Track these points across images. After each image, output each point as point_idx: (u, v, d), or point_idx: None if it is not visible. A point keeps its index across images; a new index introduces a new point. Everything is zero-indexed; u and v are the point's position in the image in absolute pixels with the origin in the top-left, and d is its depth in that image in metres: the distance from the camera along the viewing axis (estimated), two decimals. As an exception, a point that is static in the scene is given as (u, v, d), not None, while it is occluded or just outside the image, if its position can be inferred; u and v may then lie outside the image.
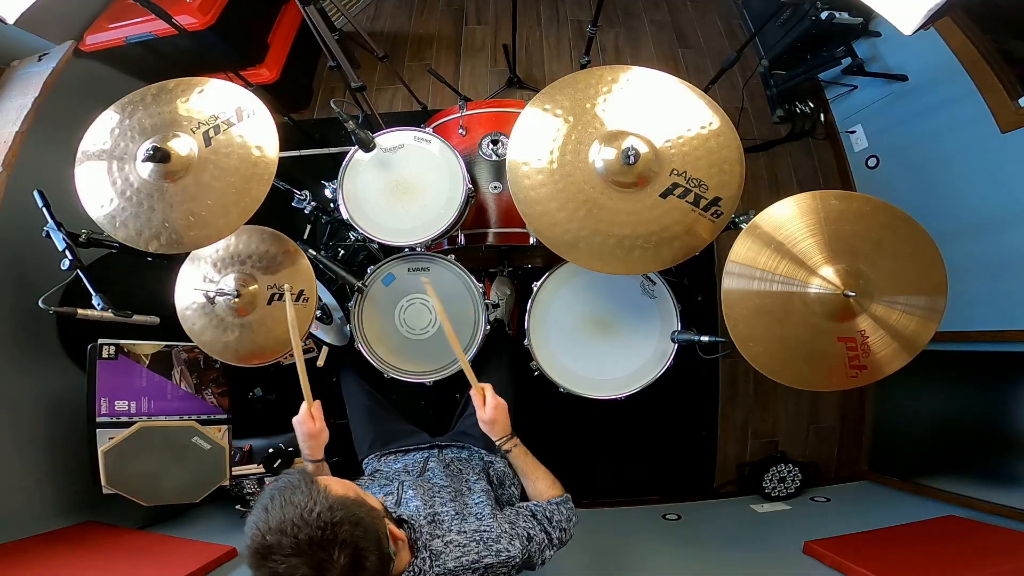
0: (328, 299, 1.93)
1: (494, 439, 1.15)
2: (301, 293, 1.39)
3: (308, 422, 1.12)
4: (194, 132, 1.24)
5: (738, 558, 1.72)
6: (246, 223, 1.24)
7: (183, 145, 1.23)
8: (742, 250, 1.14)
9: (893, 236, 1.13)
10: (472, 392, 1.18)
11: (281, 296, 1.39)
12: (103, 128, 1.27)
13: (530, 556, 0.98)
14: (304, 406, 1.13)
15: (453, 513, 1.00)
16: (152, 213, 1.22)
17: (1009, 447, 1.80)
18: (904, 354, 1.13)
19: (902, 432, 2.24)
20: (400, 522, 0.94)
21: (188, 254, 1.48)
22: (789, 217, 1.15)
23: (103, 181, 1.24)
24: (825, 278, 1.11)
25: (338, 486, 0.79)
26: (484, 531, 0.95)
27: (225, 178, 1.22)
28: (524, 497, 1.20)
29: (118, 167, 1.24)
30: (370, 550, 0.75)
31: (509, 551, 0.93)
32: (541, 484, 1.13)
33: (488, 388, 1.16)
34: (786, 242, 1.13)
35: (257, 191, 1.22)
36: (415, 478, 1.19)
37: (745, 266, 1.14)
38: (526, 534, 0.99)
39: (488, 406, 1.14)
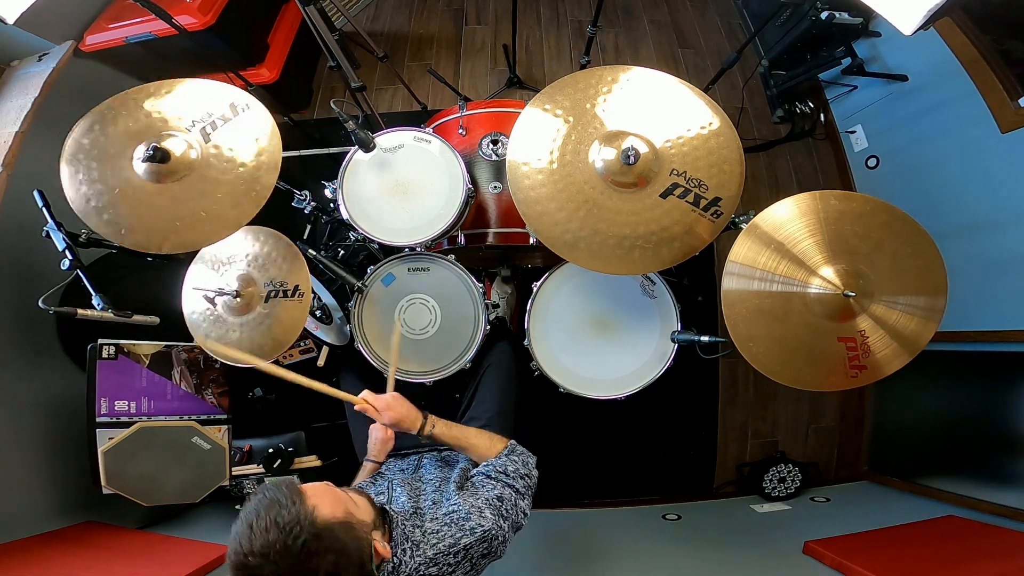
0: (328, 299, 1.93)
1: (412, 433, 1.15)
2: (296, 288, 1.39)
3: (383, 431, 1.25)
4: (189, 131, 1.24)
5: (738, 558, 1.72)
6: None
7: (180, 144, 1.22)
8: (742, 250, 1.14)
9: (893, 236, 1.13)
10: (357, 409, 1.18)
11: (278, 294, 1.39)
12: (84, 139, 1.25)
13: (507, 517, 0.97)
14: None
15: (431, 503, 1.01)
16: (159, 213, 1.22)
17: (1009, 447, 1.80)
18: (904, 354, 1.13)
19: (902, 432, 2.24)
20: (383, 513, 0.95)
21: (190, 256, 1.48)
22: (789, 217, 1.15)
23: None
24: (825, 278, 1.11)
25: (327, 505, 0.78)
26: (453, 512, 0.95)
27: (232, 172, 1.22)
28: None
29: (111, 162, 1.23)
30: (346, 573, 0.76)
31: (483, 524, 0.92)
32: (481, 446, 1.14)
33: (366, 394, 1.17)
34: (786, 242, 1.13)
35: (267, 179, 1.22)
36: (408, 476, 1.20)
37: (745, 266, 1.14)
38: (493, 498, 0.98)
39: (382, 411, 1.15)
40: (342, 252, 2.09)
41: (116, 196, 1.21)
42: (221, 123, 1.24)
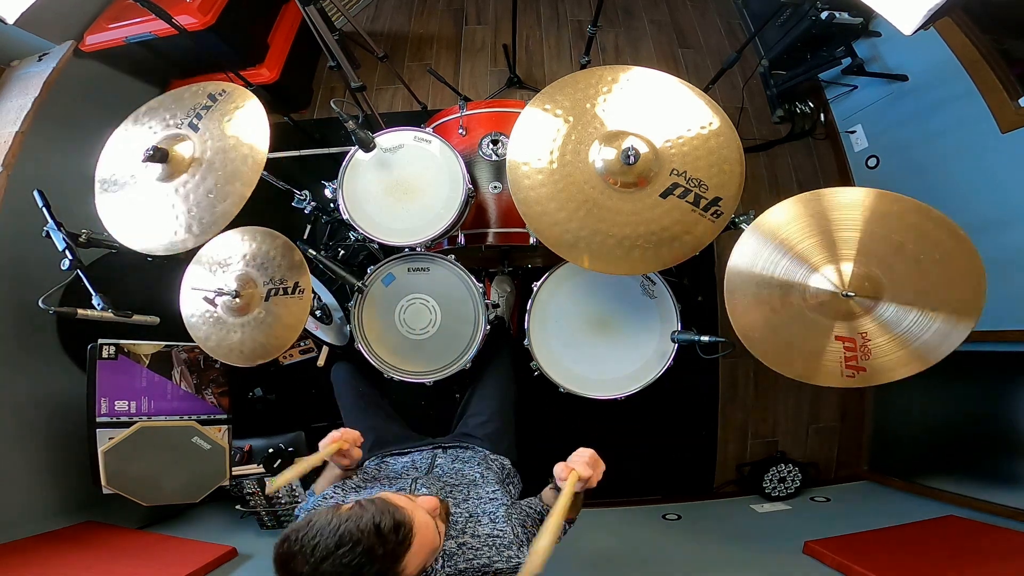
0: (328, 299, 1.93)
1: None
2: (297, 285, 1.39)
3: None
4: (180, 127, 1.27)
5: (738, 558, 1.72)
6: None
7: (181, 144, 1.24)
8: (780, 215, 1.12)
9: (927, 246, 1.08)
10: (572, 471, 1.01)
11: (279, 292, 1.39)
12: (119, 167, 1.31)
13: None
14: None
15: (467, 515, 0.99)
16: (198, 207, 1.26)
17: (1009, 447, 1.80)
18: (913, 363, 1.09)
19: (902, 432, 2.24)
20: None
21: (189, 256, 1.49)
22: (850, 205, 1.11)
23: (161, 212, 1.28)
24: (840, 272, 1.10)
25: (417, 563, 0.75)
26: (497, 536, 0.94)
27: (228, 151, 1.25)
28: (524, 494, 1.20)
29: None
30: None
31: (519, 558, 0.92)
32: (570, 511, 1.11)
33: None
34: (832, 224, 1.10)
35: (259, 143, 1.25)
36: (424, 475, 1.18)
37: (769, 231, 1.12)
38: (532, 540, 0.98)
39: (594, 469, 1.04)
40: (342, 252, 2.09)
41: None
42: (204, 112, 1.27)
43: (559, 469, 0.97)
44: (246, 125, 1.26)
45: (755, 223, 1.15)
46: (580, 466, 0.97)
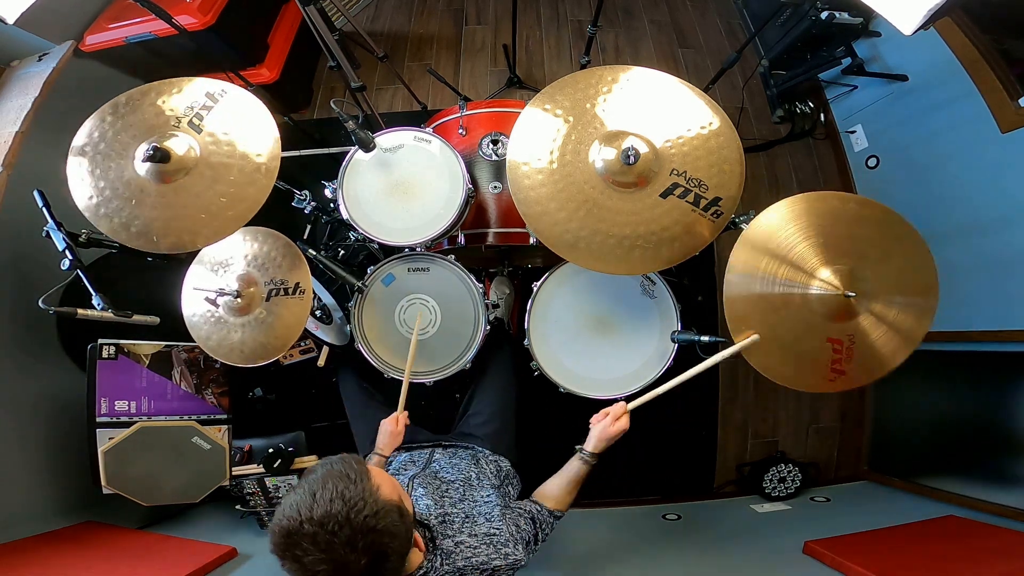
0: (328, 299, 1.93)
1: (593, 449, 1.18)
2: (297, 286, 1.39)
3: (393, 423, 1.33)
4: (178, 127, 1.24)
5: (738, 558, 1.72)
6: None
7: (178, 142, 1.23)
8: (740, 258, 1.14)
9: (892, 241, 1.11)
10: (614, 407, 1.20)
11: (279, 292, 1.39)
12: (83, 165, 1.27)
13: (529, 555, 1.01)
14: (396, 413, 1.35)
15: (464, 515, 1.01)
16: (175, 211, 1.23)
17: (1009, 447, 1.80)
18: (880, 368, 1.12)
19: (902, 432, 2.24)
20: (418, 523, 0.95)
21: (190, 256, 1.49)
22: (779, 224, 1.13)
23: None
24: (824, 280, 1.10)
25: (388, 487, 0.79)
26: (494, 534, 0.97)
27: (235, 153, 1.23)
28: (523, 494, 1.21)
29: (115, 173, 1.24)
30: (393, 558, 0.77)
31: (516, 554, 0.95)
32: (566, 497, 1.17)
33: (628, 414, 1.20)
34: (779, 250, 1.12)
35: (273, 152, 1.23)
36: (421, 470, 1.19)
37: (744, 274, 1.13)
38: (526, 538, 1.02)
39: (619, 426, 1.18)
40: (342, 252, 2.10)
41: (134, 207, 1.22)
42: (205, 112, 1.25)
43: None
44: (254, 130, 1.24)
45: (733, 256, 1.14)
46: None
